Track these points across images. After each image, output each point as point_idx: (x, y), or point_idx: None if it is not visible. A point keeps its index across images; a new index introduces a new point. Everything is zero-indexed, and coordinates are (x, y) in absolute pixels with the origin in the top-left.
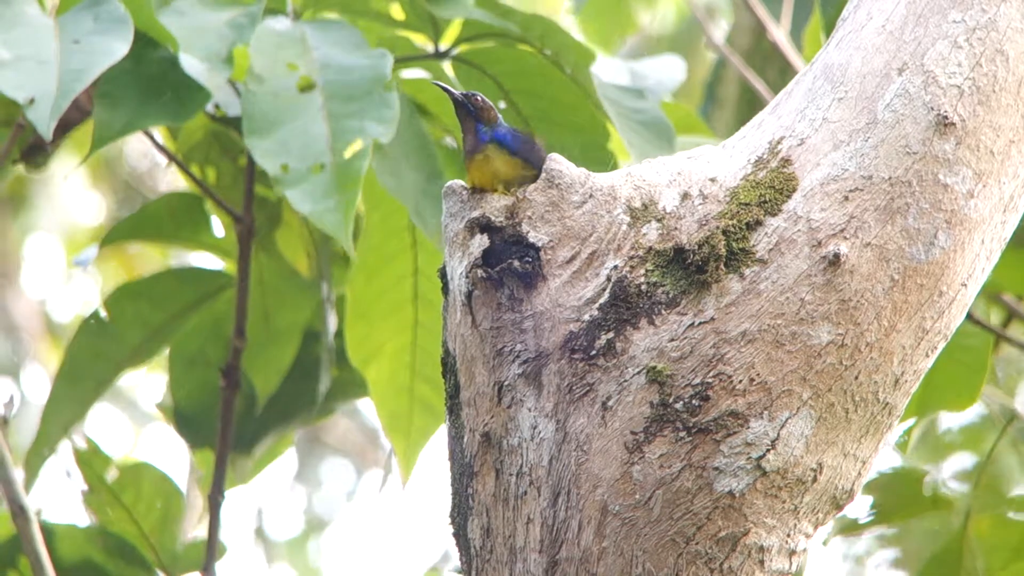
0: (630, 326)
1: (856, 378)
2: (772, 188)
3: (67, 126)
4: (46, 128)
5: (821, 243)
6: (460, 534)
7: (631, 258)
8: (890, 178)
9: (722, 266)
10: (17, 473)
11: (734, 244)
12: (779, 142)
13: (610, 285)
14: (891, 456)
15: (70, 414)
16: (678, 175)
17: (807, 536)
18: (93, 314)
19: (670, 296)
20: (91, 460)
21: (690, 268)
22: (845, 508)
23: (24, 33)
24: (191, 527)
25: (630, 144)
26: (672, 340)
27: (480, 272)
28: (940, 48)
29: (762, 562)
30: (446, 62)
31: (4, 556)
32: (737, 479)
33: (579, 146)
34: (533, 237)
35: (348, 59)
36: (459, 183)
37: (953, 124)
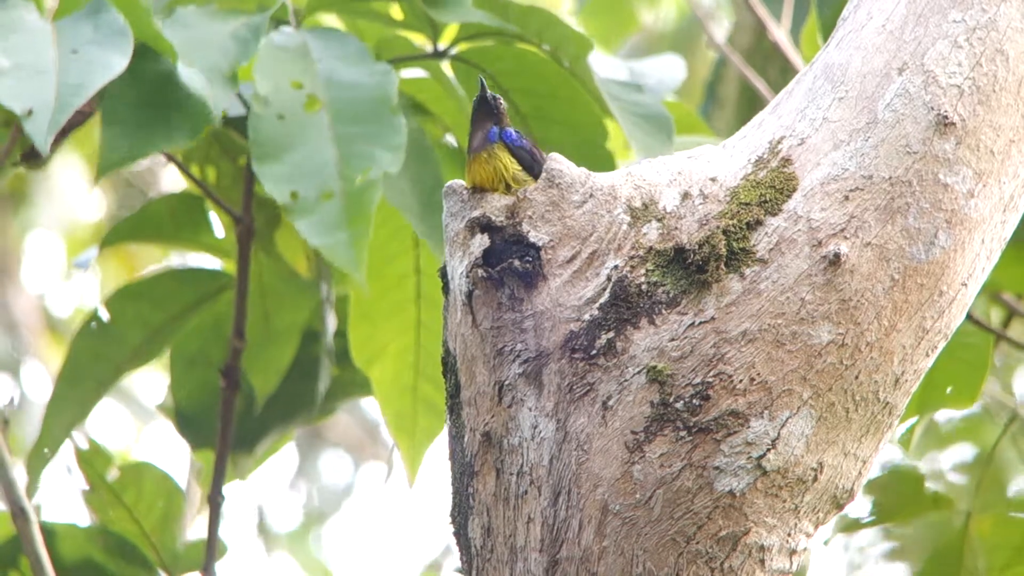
0: (630, 326)
1: (856, 378)
2: (772, 188)
3: (67, 129)
4: (43, 142)
5: (821, 243)
6: (461, 533)
7: (631, 258)
8: (890, 178)
9: (722, 266)
10: (18, 471)
11: (734, 244)
12: (779, 142)
13: (610, 285)
14: (893, 454)
15: (71, 415)
16: (678, 175)
17: (808, 535)
18: (93, 315)
19: (670, 296)
20: (92, 460)
21: (690, 268)
22: (846, 507)
23: (22, 40)
24: (191, 521)
25: (632, 137)
26: (672, 340)
27: (481, 272)
28: (940, 48)
29: (763, 561)
30: (445, 61)
31: (5, 556)
32: (738, 478)
33: (577, 144)
34: (534, 237)
35: (353, 74)
36: (459, 183)
37: (953, 124)
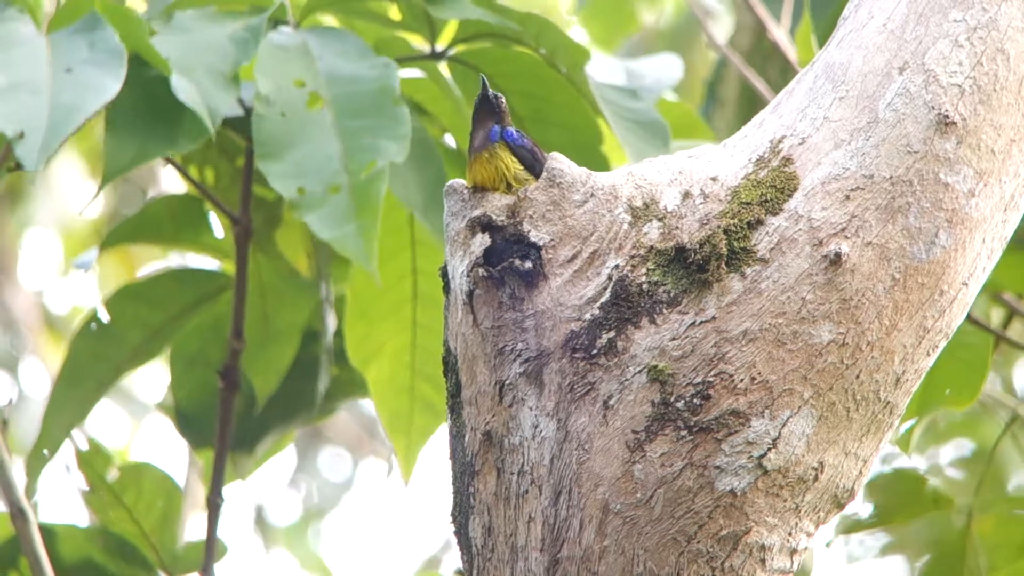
0: (631, 325)
1: (857, 377)
2: (773, 187)
3: None
4: (34, 166)
5: (822, 242)
6: (461, 533)
7: (632, 257)
8: (891, 177)
9: (723, 265)
10: (17, 468)
11: (735, 243)
12: (780, 141)
13: (611, 284)
14: (893, 455)
15: (71, 416)
16: (679, 174)
17: (808, 535)
18: (93, 316)
19: (671, 295)
20: (92, 460)
21: (691, 267)
22: (847, 507)
23: (16, 55)
24: (190, 519)
25: (626, 143)
26: (673, 339)
27: (481, 271)
28: (941, 47)
29: (763, 561)
30: (442, 63)
31: (4, 557)
32: (738, 478)
33: (573, 147)
34: (534, 236)
35: (353, 69)
36: (460, 182)
37: (954, 123)
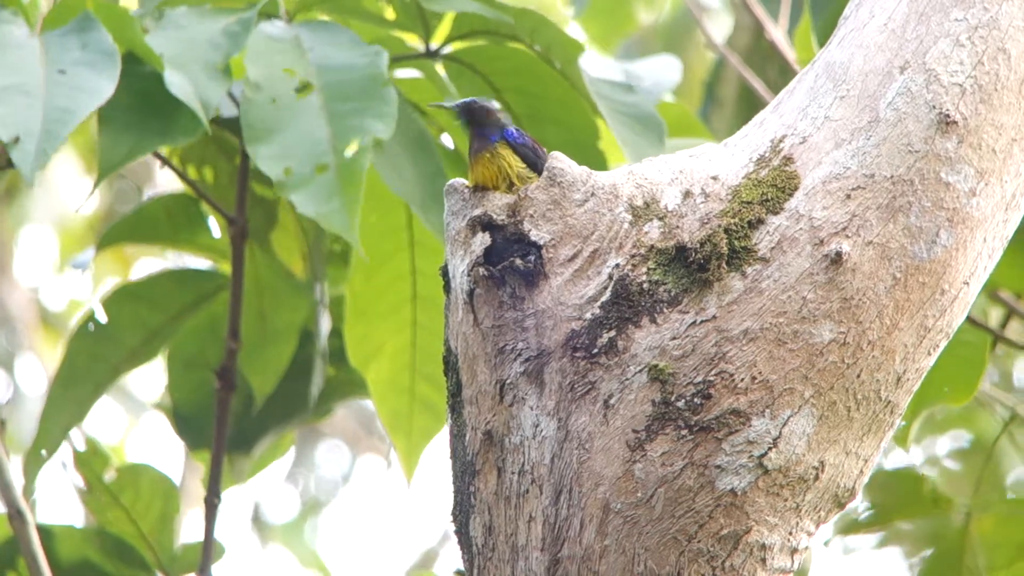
0: (632, 324)
1: (858, 376)
2: (774, 186)
3: None
4: (30, 172)
5: (823, 241)
6: (462, 532)
7: (633, 256)
8: (892, 176)
9: (724, 264)
10: (14, 467)
11: (736, 242)
12: (781, 140)
13: (612, 283)
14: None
15: (68, 417)
16: (680, 173)
17: (809, 534)
18: (90, 317)
19: (672, 294)
20: (90, 461)
21: (692, 266)
22: (847, 506)
23: (9, 58)
24: (188, 515)
25: (621, 139)
26: (674, 338)
27: (482, 270)
28: (942, 46)
29: (764, 560)
30: (438, 62)
31: (2, 558)
32: (739, 477)
33: (570, 144)
34: (535, 235)
35: (344, 58)
36: (460, 181)
37: (955, 122)
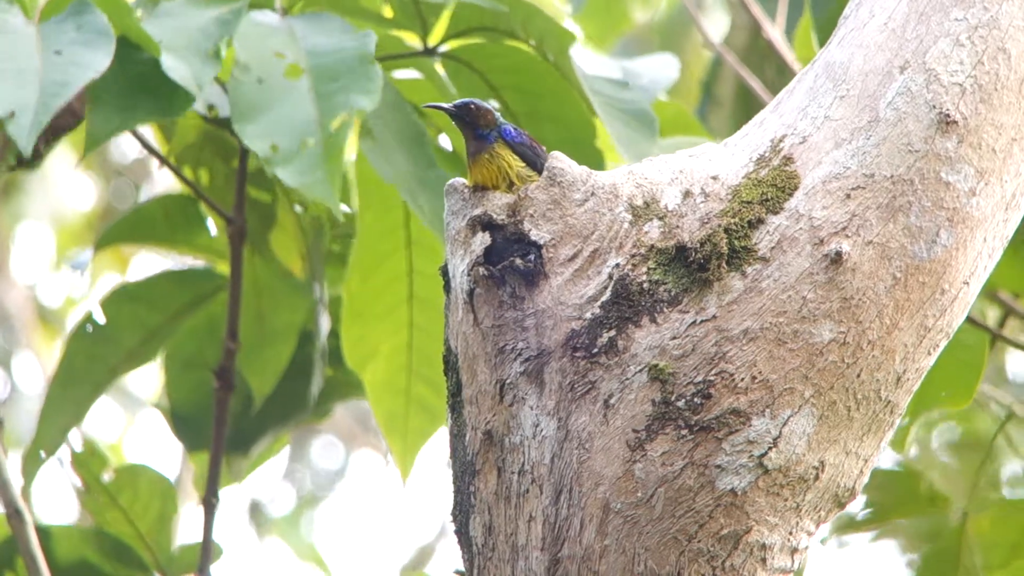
0: (632, 324)
1: (858, 376)
2: (774, 186)
3: (58, 131)
4: (25, 143)
5: (823, 241)
6: (462, 532)
7: (633, 256)
8: (892, 176)
9: (724, 264)
10: (12, 464)
11: (736, 242)
12: (781, 140)
13: (612, 283)
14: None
15: (67, 417)
16: (680, 173)
17: (809, 534)
18: (89, 318)
19: (672, 294)
20: (88, 462)
21: (692, 266)
22: (847, 506)
23: (6, 43)
24: (185, 513)
25: (615, 134)
26: (674, 338)
27: (482, 270)
28: (942, 46)
29: (764, 560)
30: (436, 60)
31: (1, 557)
32: (739, 477)
33: (567, 142)
34: (535, 235)
35: (334, 43)
36: (461, 181)
37: (955, 122)
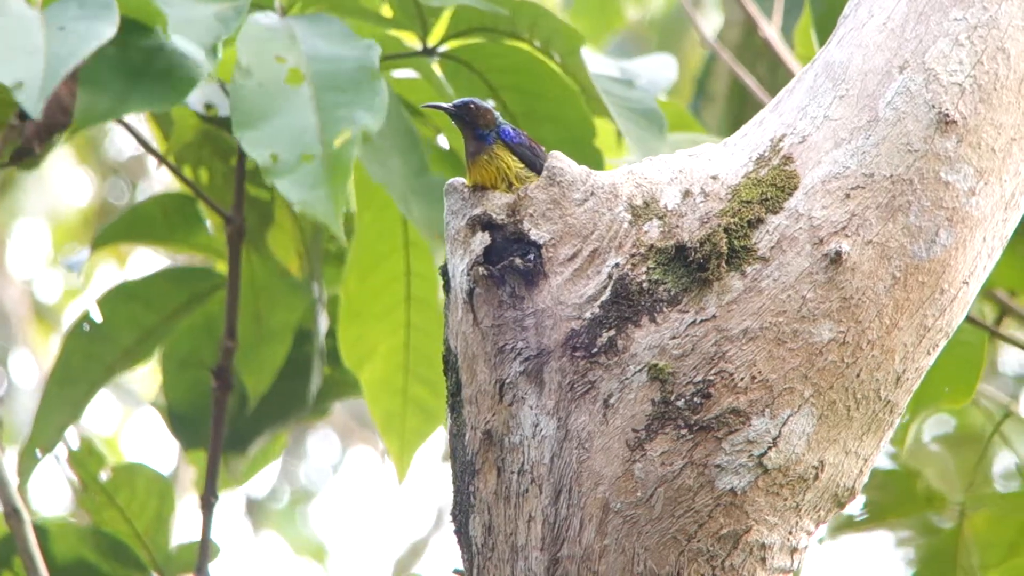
0: (632, 324)
1: (858, 376)
2: (774, 186)
3: (53, 129)
4: (35, 108)
5: (823, 241)
6: (462, 532)
7: (632, 256)
8: (891, 176)
9: (724, 264)
10: (8, 460)
11: (736, 242)
12: (781, 140)
13: (611, 283)
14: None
15: (64, 416)
16: (679, 173)
17: (809, 534)
18: (86, 316)
19: (672, 294)
20: (85, 460)
21: (692, 266)
22: (847, 506)
23: (9, 24)
24: (181, 510)
25: (627, 133)
26: (674, 338)
27: (482, 269)
28: (941, 46)
29: (764, 560)
30: (434, 60)
31: None
32: (739, 476)
33: (567, 142)
34: (535, 235)
35: (336, 50)
36: (460, 181)
37: (954, 122)
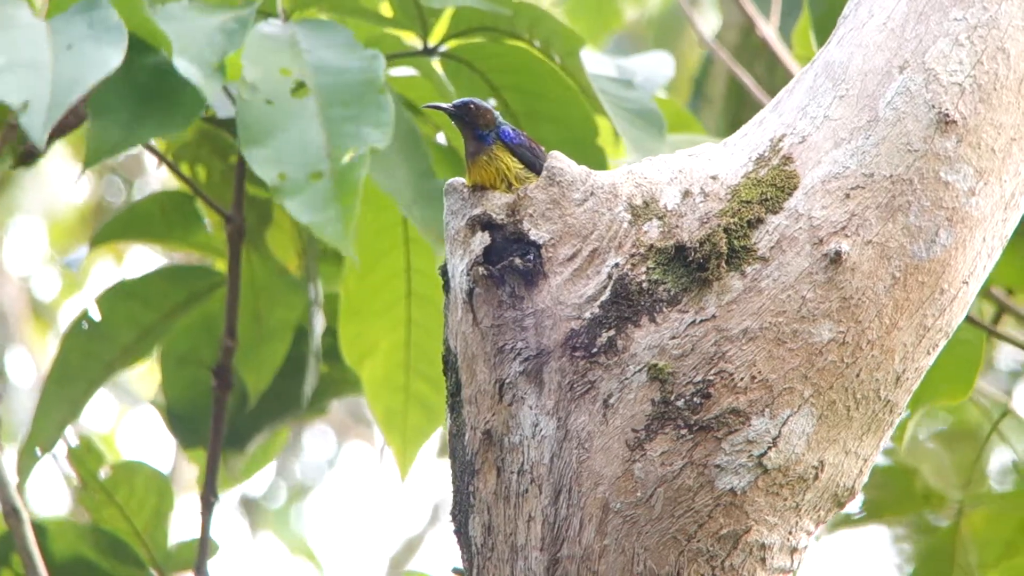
0: (631, 324)
1: (857, 376)
2: (773, 186)
3: (62, 130)
4: (40, 137)
5: (822, 241)
6: (461, 532)
7: (632, 256)
8: (891, 176)
9: (723, 264)
10: (7, 457)
11: (735, 242)
12: (780, 140)
13: (611, 283)
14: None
15: (63, 414)
16: (679, 173)
17: (808, 534)
18: (84, 315)
19: (671, 294)
20: (84, 458)
21: (691, 266)
22: (847, 506)
23: (16, 36)
24: (179, 507)
25: (623, 133)
26: (673, 338)
27: (481, 269)
28: (941, 46)
29: (763, 560)
30: (435, 59)
31: None
32: (739, 477)
33: (568, 141)
34: (534, 235)
35: (340, 61)
36: (460, 181)
37: (954, 122)
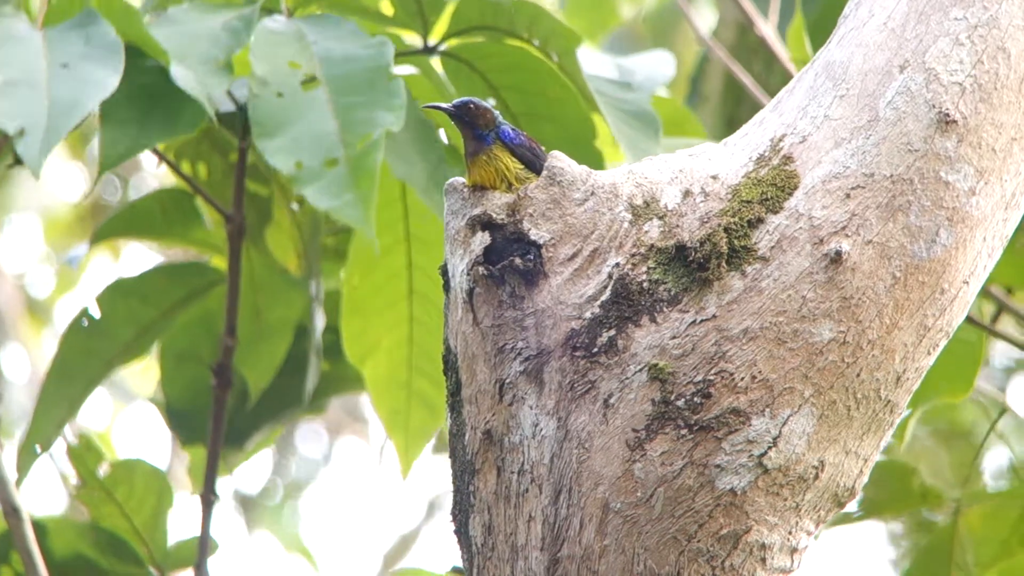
0: (632, 323)
1: (858, 375)
2: (774, 186)
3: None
4: (36, 164)
5: (823, 241)
6: (462, 531)
7: (633, 255)
8: (892, 175)
9: (724, 263)
10: (7, 455)
11: (736, 241)
12: (781, 139)
13: (612, 282)
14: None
15: (62, 412)
16: (680, 172)
17: (808, 534)
18: (84, 312)
19: (672, 293)
20: (83, 456)
21: (692, 265)
22: (847, 505)
23: (12, 52)
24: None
25: (619, 133)
26: (674, 338)
27: (481, 269)
28: (942, 45)
29: (764, 560)
30: (435, 58)
31: None
32: (739, 476)
33: (567, 142)
34: (535, 234)
35: (348, 50)
36: (460, 180)
37: (955, 121)
